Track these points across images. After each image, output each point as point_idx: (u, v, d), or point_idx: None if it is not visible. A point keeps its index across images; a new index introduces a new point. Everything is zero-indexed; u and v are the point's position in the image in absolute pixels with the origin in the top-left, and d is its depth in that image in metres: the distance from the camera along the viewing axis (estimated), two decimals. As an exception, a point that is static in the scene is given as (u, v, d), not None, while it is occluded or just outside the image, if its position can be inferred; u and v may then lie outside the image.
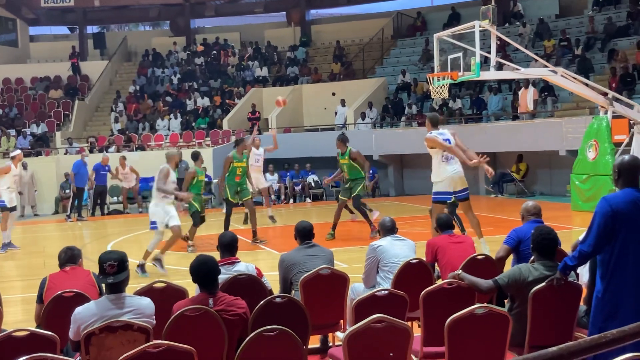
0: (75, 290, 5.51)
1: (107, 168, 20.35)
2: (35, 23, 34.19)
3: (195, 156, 13.36)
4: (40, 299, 5.74)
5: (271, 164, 23.01)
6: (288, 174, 23.89)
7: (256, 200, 22.60)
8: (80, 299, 5.25)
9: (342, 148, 13.67)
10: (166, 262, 10.86)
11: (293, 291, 6.20)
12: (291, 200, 23.35)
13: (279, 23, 34.61)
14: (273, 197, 22.42)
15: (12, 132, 26.03)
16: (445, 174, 10.22)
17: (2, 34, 32.44)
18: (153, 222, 10.93)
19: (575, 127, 18.32)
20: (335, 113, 25.96)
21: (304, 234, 6.52)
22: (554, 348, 2.64)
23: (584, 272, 5.73)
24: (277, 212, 20.89)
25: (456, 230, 7.15)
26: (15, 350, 4.09)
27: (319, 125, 26.26)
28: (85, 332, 4.48)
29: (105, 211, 21.39)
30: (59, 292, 5.50)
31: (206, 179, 22.51)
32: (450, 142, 10.26)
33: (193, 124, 27.02)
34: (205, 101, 28.43)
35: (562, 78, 14.69)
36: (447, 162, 10.24)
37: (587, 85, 15.75)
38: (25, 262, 13.22)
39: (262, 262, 10.75)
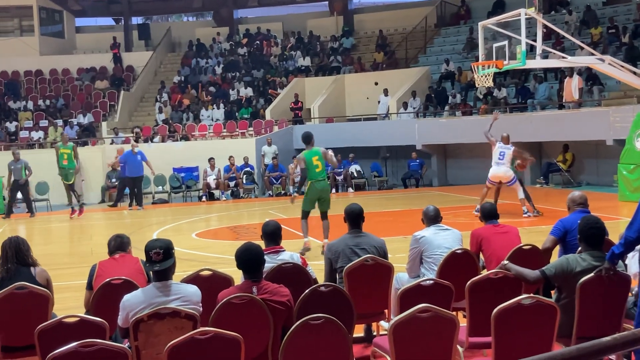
0: (123, 277, 5.56)
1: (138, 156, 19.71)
2: (81, 14, 34.68)
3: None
4: (89, 286, 5.81)
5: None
6: (330, 164, 23.86)
7: None
8: (129, 286, 5.30)
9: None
10: (213, 251, 11.82)
11: (338, 280, 6.21)
12: (333, 190, 23.33)
13: (321, 12, 34.58)
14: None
15: (60, 122, 26.45)
16: None
17: (49, 26, 32.94)
18: None
19: (623, 116, 17.99)
20: (378, 102, 25.87)
21: (352, 217, 6.46)
22: (608, 338, 2.60)
23: (632, 264, 5.63)
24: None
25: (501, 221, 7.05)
26: (66, 336, 4.15)
27: (361, 115, 26.20)
28: (133, 319, 4.54)
29: (133, 202, 20.30)
30: (108, 280, 5.57)
31: (249, 169, 22.77)
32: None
33: (236, 114, 27.17)
34: (249, 91, 28.56)
35: (610, 66, 14.46)
36: None
37: (635, 73, 15.46)
38: (74, 250, 13.47)
39: (307, 251, 10.86)
